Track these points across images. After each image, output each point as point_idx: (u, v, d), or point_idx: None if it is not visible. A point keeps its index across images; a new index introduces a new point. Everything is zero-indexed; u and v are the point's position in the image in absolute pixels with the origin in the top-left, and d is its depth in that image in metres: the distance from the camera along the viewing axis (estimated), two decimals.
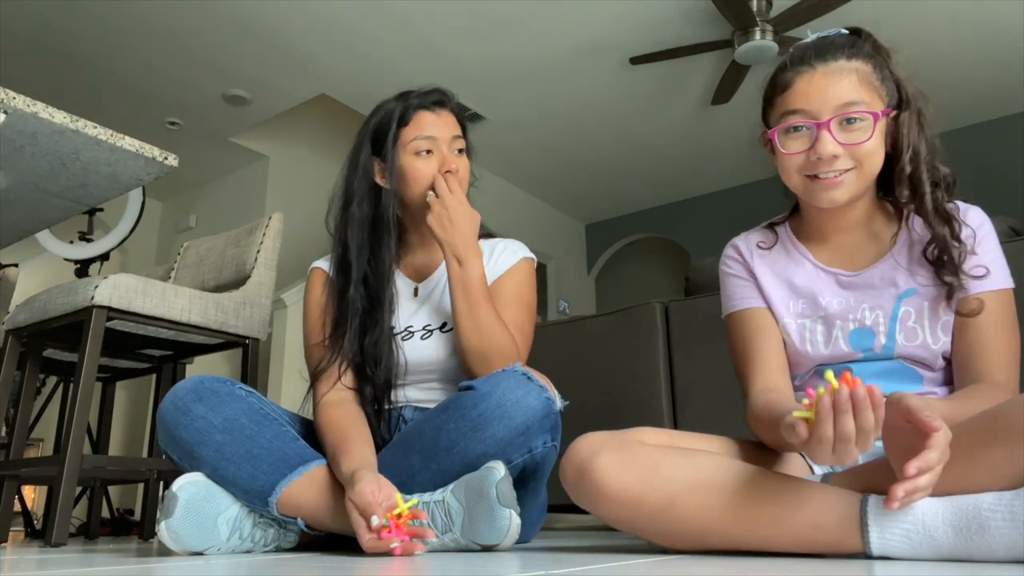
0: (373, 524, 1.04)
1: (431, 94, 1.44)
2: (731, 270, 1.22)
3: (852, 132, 1.03)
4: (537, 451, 1.20)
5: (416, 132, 1.40)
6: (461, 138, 1.45)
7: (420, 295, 1.47)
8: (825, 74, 1.04)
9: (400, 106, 1.43)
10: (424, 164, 1.40)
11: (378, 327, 1.38)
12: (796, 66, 1.06)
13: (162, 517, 1.17)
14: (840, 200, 1.06)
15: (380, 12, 3.78)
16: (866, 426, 0.74)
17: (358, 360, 1.38)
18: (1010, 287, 1.07)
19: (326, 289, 1.46)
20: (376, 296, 1.40)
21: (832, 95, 1.03)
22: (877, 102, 1.04)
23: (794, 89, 1.05)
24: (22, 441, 2.10)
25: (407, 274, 1.50)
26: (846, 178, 1.04)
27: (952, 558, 0.80)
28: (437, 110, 1.43)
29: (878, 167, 1.06)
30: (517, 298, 1.43)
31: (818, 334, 1.12)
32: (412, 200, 1.42)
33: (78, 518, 3.22)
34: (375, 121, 1.45)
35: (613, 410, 2.21)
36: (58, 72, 4.15)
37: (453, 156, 1.42)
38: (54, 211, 1.91)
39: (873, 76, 1.05)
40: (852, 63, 1.04)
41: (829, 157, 1.02)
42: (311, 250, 4.34)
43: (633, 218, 6.69)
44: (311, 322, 1.45)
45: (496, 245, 1.50)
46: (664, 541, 0.96)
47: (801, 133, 1.05)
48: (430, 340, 1.41)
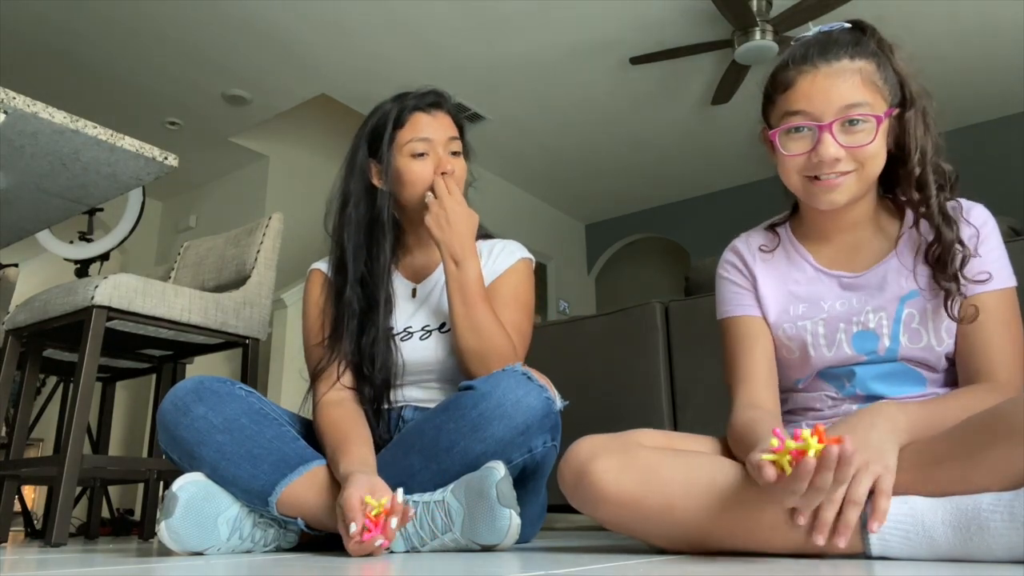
0: (351, 531, 1.04)
1: (427, 96, 1.45)
2: (728, 275, 1.21)
3: (855, 134, 1.02)
4: (537, 451, 1.20)
5: (412, 134, 1.41)
6: (457, 139, 1.45)
7: (418, 296, 1.48)
8: (828, 75, 1.02)
9: (396, 108, 1.43)
10: (420, 166, 1.40)
11: (375, 327, 1.38)
12: (798, 65, 1.05)
13: (162, 517, 1.17)
14: (839, 202, 1.06)
15: (380, 12, 3.78)
16: (842, 479, 0.76)
17: (356, 360, 1.38)
18: (1012, 285, 1.06)
19: (324, 290, 1.46)
20: (373, 297, 1.41)
21: (835, 97, 1.01)
22: (880, 102, 1.03)
23: (796, 89, 1.04)
24: (22, 441, 2.10)
25: (405, 275, 1.51)
26: (846, 180, 1.03)
27: (951, 558, 0.80)
28: (433, 112, 1.44)
29: (879, 168, 1.05)
30: (515, 298, 1.43)
31: (820, 338, 1.11)
32: (408, 201, 1.43)
33: (78, 518, 3.22)
34: (372, 123, 1.46)
35: (613, 410, 2.21)
36: (58, 72, 4.15)
37: (449, 158, 1.42)
38: (54, 211, 1.91)
39: (876, 75, 1.03)
40: (855, 63, 1.03)
41: (831, 160, 1.01)
42: (311, 250, 4.34)
43: (633, 218, 6.69)
44: (310, 323, 1.46)
45: (494, 246, 1.50)
46: (663, 544, 0.96)
47: (803, 134, 1.04)
48: (429, 340, 1.41)
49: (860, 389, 1.10)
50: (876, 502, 0.82)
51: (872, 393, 1.09)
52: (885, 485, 0.82)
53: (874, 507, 0.82)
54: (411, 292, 1.49)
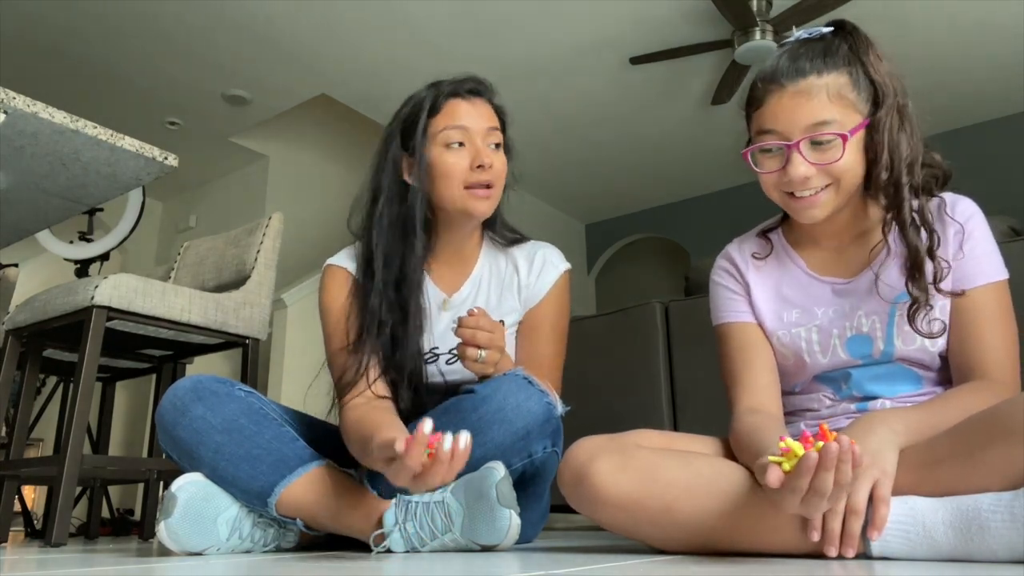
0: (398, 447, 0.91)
1: (465, 81, 1.33)
2: (722, 280, 1.21)
3: (823, 152, 1.00)
4: (537, 456, 1.20)
5: (447, 121, 1.29)
6: (498, 131, 1.33)
7: (451, 308, 1.36)
8: (794, 95, 1.00)
9: (431, 94, 1.32)
10: (455, 157, 1.28)
11: (403, 346, 1.27)
12: (767, 83, 1.04)
13: (161, 517, 1.17)
14: (819, 217, 1.05)
15: (380, 12, 3.78)
16: (843, 480, 0.75)
17: (392, 376, 1.29)
18: (1002, 279, 1.05)
19: (350, 291, 1.34)
20: (403, 307, 1.29)
21: (801, 116, 0.99)
22: (851, 114, 1.00)
23: (764, 109, 1.03)
24: (22, 441, 2.10)
25: (438, 283, 1.39)
26: (822, 196, 1.02)
27: (952, 558, 0.80)
28: (471, 99, 1.32)
29: (857, 179, 1.03)
30: (553, 328, 1.36)
31: (815, 344, 1.10)
32: (441, 199, 1.30)
33: (78, 518, 3.22)
34: (405, 111, 1.34)
35: (612, 411, 2.21)
36: (58, 72, 4.15)
37: (487, 151, 1.29)
38: (54, 211, 1.91)
39: (847, 87, 1.00)
40: (823, 79, 1.00)
41: (801, 179, 1.00)
42: (311, 250, 4.36)
43: (633, 218, 6.68)
44: (332, 325, 1.33)
45: (534, 256, 1.40)
46: (663, 545, 0.96)
47: (774, 153, 1.03)
48: (456, 366, 1.29)
49: (857, 391, 1.10)
50: (876, 509, 0.82)
51: (869, 394, 1.09)
52: (884, 492, 0.82)
53: (874, 514, 0.82)
54: (442, 303, 1.38)
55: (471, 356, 1.15)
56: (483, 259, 1.42)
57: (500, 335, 1.18)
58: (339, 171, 5.16)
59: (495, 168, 1.30)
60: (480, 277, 1.40)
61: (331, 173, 5.21)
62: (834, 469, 0.74)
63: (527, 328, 1.38)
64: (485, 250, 1.43)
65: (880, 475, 0.83)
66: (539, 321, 1.36)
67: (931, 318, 1.03)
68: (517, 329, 1.39)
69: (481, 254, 1.42)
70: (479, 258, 1.42)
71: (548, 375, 1.31)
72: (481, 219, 1.35)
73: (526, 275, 1.38)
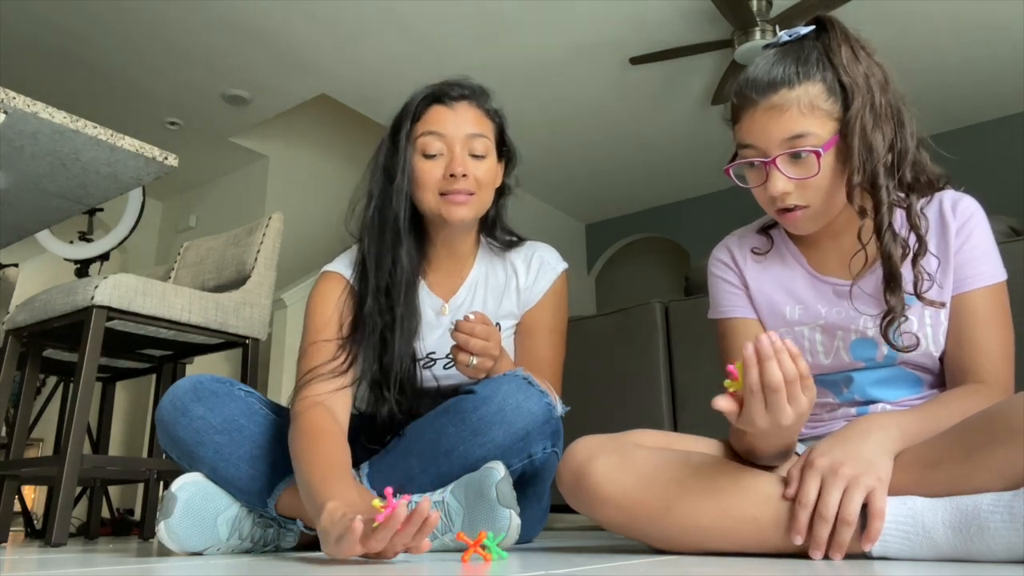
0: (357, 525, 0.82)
1: (451, 87, 1.31)
2: (721, 274, 1.20)
3: (801, 166, 0.98)
4: (536, 457, 1.20)
5: (425, 127, 1.27)
6: (483, 137, 1.29)
7: (449, 314, 1.35)
8: (766, 110, 0.98)
9: (416, 99, 1.31)
10: (430, 165, 1.26)
11: (392, 349, 1.25)
12: (741, 99, 1.02)
13: (161, 517, 1.17)
14: (810, 230, 1.04)
15: (380, 12, 3.78)
16: (788, 374, 0.78)
17: (378, 378, 1.26)
18: (1000, 280, 1.03)
19: (346, 297, 1.31)
20: (393, 310, 1.26)
21: (775, 132, 0.98)
22: (827, 123, 0.97)
23: (741, 124, 1.02)
24: (22, 441, 2.10)
25: (434, 289, 1.37)
26: (809, 209, 1.01)
27: (951, 558, 0.80)
28: (452, 104, 1.29)
29: (840, 189, 1.00)
30: (552, 330, 1.36)
31: (818, 344, 1.09)
32: (420, 205, 1.29)
33: (78, 518, 3.22)
34: (396, 115, 1.33)
35: (612, 411, 2.21)
36: (58, 72, 4.15)
37: (464, 158, 1.26)
38: (54, 211, 1.91)
39: (820, 97, 0.97)
40: (794, 92, 0.97)
41: (781, 194, 0.99)
42: (311, 250, 4.36)
43: (633, 218, 6.68)
44: (313, 323, 1.30)
45: (531, 257, 1.40)
46: (662, 545, 0.95)
47: (755, 168, 1.02)
48: (452, 371, 1.27)
49: (858, 394, 1.09)
50: (870, 522, 0.82)
51: (870, 398, 1.08)
52: (879, 505, 0.82)
53: (868, 528, 0.82)
54: (440, 309, 1.37)
55: (463, 361, 1.17)
56: (479, 264, 1.41)
57: (495, 343, 1.18)
58: (339, 171, 5.16)
59: (473, 176, 1.27)
60: (476, 281, 1.40)
61: (331, 173, 5.21)
62: (774, 358, 0.77)
63: (526, 329, 1.38)
64: (481, 255, 1.42)
65: (876, 484, 0.82)
66: (538, 322, 1.37)
67: (903, 331, 1.01)
68: (516, 330, 1.40)
69: (477, 259, 1.41)
70: (475, 263, 1.41)
71: (548, 375, 1.31)
72: (461, 225, 1.31)
73: (524, 277, 1.38)
